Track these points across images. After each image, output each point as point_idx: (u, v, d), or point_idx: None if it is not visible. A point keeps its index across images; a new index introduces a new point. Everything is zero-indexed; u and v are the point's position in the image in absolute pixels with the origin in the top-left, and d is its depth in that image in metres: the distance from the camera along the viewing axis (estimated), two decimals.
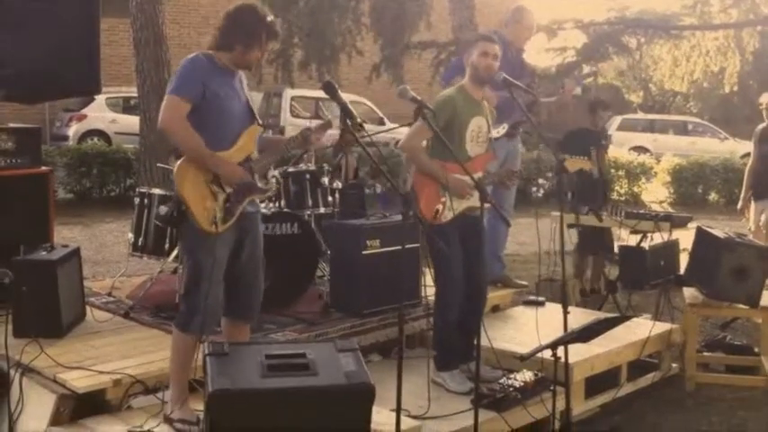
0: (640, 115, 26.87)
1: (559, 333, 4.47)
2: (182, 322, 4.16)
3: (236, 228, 4.16)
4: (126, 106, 19.21)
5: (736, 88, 19.80)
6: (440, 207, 4.86)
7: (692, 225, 6.79)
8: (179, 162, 4.07)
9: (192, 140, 4.00)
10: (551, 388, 4.63)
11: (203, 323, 4.09)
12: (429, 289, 5.78)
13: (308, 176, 6.55)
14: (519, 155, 6.68)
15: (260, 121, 4.32)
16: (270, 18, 4.19)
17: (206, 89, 4.02)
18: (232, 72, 4.20)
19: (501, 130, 6.24)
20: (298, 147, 4.43)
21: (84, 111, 18.83)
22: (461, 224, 4.93)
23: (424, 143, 4.99)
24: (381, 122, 19.48)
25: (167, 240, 5.93)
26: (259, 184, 4.22)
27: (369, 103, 20.65)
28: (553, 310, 6.11)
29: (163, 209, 5.07)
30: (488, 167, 5.15)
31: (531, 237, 6.93)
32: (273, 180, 4.43)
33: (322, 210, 6.60)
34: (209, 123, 4.04)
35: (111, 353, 4.76)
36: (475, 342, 4.48)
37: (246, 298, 4.32)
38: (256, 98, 20.03)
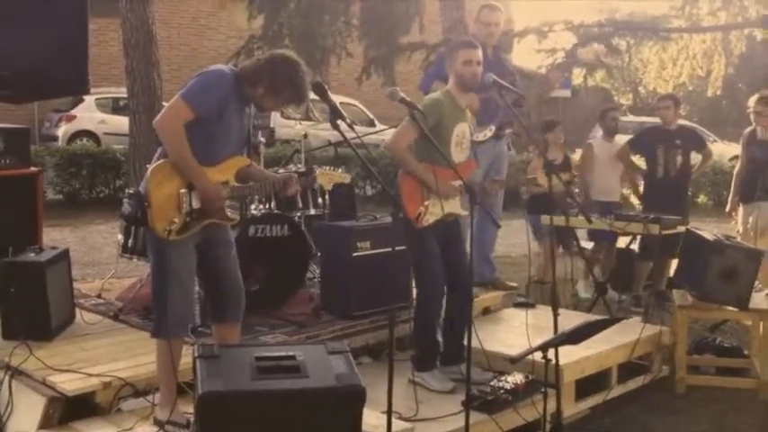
0: (630, 117, 26.93)
1: (550, 335, 4.47)
2: (154, 327, 4.18)
3: (200, 235, 4.14)
4: (115, 107, 19.15)
5: (719, 92, 19.86)
6: (422, 210, 4.86)
7: (682, 227, 6.80)
8: (160, 161, 4.04)
9: (182, 149, 3.97)
10: (542, 390, 4.62)
11: (173, 326, 4.08)
12: None
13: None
14: (506, 157, 6.69)
15: (249, 155, 4.34)
16: (302, 83, 4.11)
17: (221, 109, 4.01)
18: (247, 101, 4.20)
19: (488, 132, 6.24)
20: (278, 190, 4.45)
21: (74, 111, 18.78)
22: (441, 229, 4.95)
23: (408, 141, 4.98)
24: (372, 124, 19.48)
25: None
26: (225, 210, 4.20)
27: (359, 104, 20.66)
28: (543, 312, 6.11)
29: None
30: (471, 176, 5.13)
31: (522, 239, 6.94)
32: (237, 215, 4.42)
33: (312, 211, 6.60)
34: (206, 136, 4.03)
35: (101, 355, 4.74)
36: (464, 344, 4.48)
37: (230, 298, 4.31)
38: None
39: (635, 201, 8.49)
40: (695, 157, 8.08)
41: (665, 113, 7.76)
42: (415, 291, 5.15)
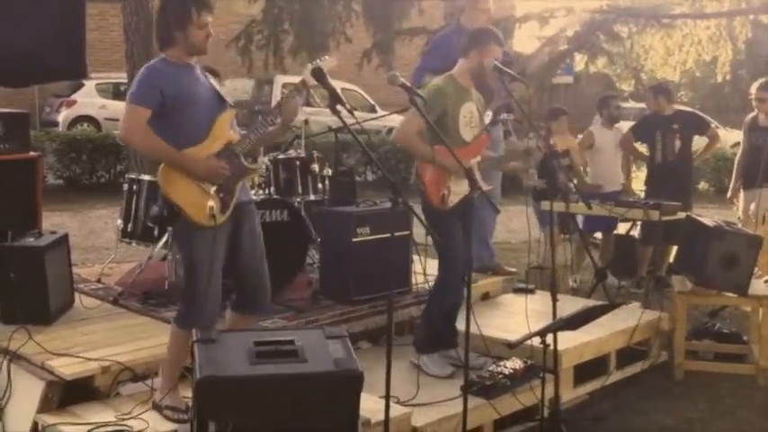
0: (632, 104, 26.82)
1: (549, 321, 4.47)
2: (182, 320, 4.15)
3: (231, 220, 4.14)
4: (116, 92, 19.11)
5: (727, 77, 19.80)
6: (446, 192, 4.86)
7: (682, 213, 6.79)
8: (162, 165, 4.04)
9: (155, 147, 3.98)
10: (540, 375, 4.63)
11: (204, 318, 4.07)
12: (419, 276, 5.80)
13: (298, 163, 6.54)
14: (501, 142, 6.67)
15: (231, 104, 4.26)
16: None
17: (164, 94, 3.97)
18: (188, 66, 4.15)
19: (486, 118, 6.23)
20: (277, 117, 4.33)
21: (74, 96, 18.76)
22: (462, 209, 4.93)
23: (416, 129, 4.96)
24: (373, 110, 19.46)
25: (156, 227, 5.89)
26: (246, 164, 4.18)
27: (360, 90, 20.60)
28: (543, 297, 6.10)
29: (154, 209, 5.00)
30: (485, 151, 5.15)
31: (522, 224, 6.94)
32: (266, 160, 4.38)
33: (312, 197, 6.59)
34: (177, 123, 4.01)
35: (100, 340, 4.75)
36: (458, 328, 4.46)
37: (253, 291, 4.31)
38: (248, 85, 19.98)
39: (636, 188, 8.49)
40: (701, 142, 8.06)
41: (647, 104, 7.85)
42: (436, 274, 5.12)
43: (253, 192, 6.02)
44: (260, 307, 4.36)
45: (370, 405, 3.98)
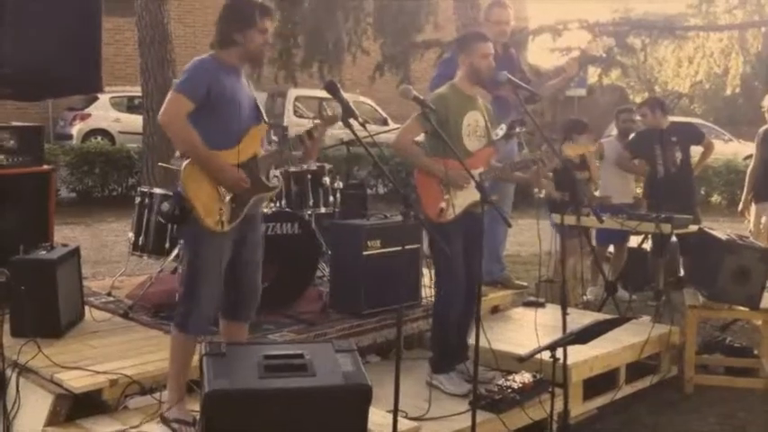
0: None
1: (558, 334, 4.46)
2: (180, 322, 4.16)
3: (237, 228, 4.17)
4: (130, 105, 19.22)
5: (738, 90, 19.75)
6: (443, 205, 4.83)
7: (694, 227, 6.76)
8: (187, 161, 4.08)
9: (191, 140, 4.02)
10: (550, 390, 4.62)
11: (200, 323, 4.11)
12: (429, 290, 5.79)
13: (309, 176, 6.56)
14: (515, 155, 6.66)
15: (266, 120, 4.33)
16: None
17: (210, 91, 4.03)
18: (236, 69, 4.21)
19: (499, 131, 6.22)
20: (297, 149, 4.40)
21: (88, 110, 18.85)
22: (465, 223, 4.89)
23: (417, 138, 4.97)
24: (385, 122, 19.49)
25: (167, 240, 5.92)
26: (265, 182, 4.24)
27: (372, 102, 20.66)
28: (553, 311, 6.10)
29: (165, 205, 5.05)
30: (493, 162, 5.11)
31: (532, 238, 6.92)
32: (277, 173, 4.44)
33: (323, 210, 6.60)
34: (214, 123, 4.05)
35: (109, 353, 4.75)
36: (469, 342, 4.44)
37: (245, 299, 4.33)
38: (260, 97, 20.11)
39: None
40: (698, 152, 8.05)
41: (644, 119, 7.79)
42: (434, 290, 5.11)
43: (264, 204, 6.04)
44: (250, 314, 4.38)
45: (379, 419, 3.98)
